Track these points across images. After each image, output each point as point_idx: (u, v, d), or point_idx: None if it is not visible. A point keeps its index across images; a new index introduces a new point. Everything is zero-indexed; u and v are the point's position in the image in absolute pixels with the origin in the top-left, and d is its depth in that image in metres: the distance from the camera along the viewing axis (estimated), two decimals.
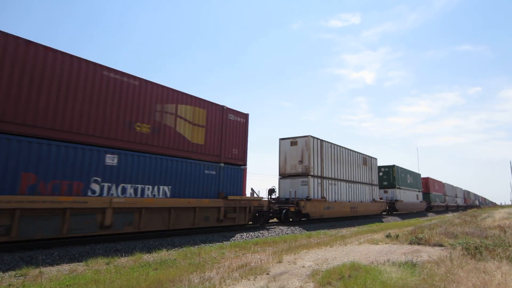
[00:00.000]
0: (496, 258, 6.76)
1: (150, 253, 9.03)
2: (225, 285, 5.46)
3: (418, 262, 6.69)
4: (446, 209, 54.61)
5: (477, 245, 7.90)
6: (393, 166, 34.22)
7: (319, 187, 20.32)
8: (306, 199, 18.84)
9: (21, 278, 6.22)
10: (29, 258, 7.68)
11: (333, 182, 22.16)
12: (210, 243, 11.28)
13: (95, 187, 9.67)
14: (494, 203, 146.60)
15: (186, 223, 12.16)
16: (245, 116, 15.95)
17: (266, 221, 16.87)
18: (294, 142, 20.47)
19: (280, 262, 7.25)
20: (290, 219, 18.60)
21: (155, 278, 5.82)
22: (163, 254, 8.79)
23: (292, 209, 18.00)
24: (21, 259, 7.55)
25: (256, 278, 5.86)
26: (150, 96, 11.52)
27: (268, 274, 6.12)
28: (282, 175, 20.54)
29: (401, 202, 33.77)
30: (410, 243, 9.67)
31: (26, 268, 6.82)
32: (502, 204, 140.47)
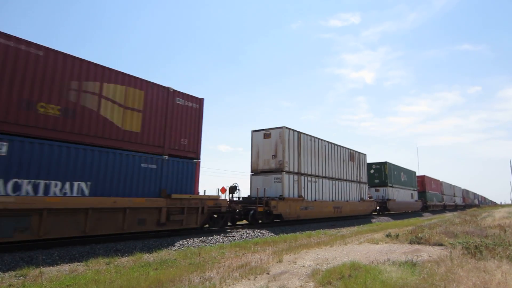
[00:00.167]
0: (496, 258, 6.77)
1: (150, 253, 9.04)
2: (225, 284, 5.46)
3: (418, 261, 6.70)
4: (443, 208, 52.86)
5: (477, 244, 7.91)
6: (384, 163, 32.12)
7: (296, 185, 18.21)
8: (279, 198, 16.83)
9: (21, 278, 6.23)
10: (29, 258, 7.68)
11: (313, 179, 19.91)
12: (210, 243, 11.29)
13: None
14: (494, 203, 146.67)
15: (111, 228, 9.90)
16: (198, 101, 13.46)
17: (225, 223, 14.48)
18: (267, 134, 18.02)
19: (280, 261, 7.26)
20: (259, 221, 16.54)
21: (155, 278, 5.83)
22: (163, 254, 8.80)
23: (260, 209, 15.74)
24: (21, 259, 7.55)
25: (256, 277, 5.86)
26: (61, 70, 9.33)
27: (268, 273, 6.13)
28: (254, 172, 18.31)
29: (393, 201, 31.76)
30: (410, 243, 9.68)
31: (26, 268, 6.82)
32: (502, 203, 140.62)
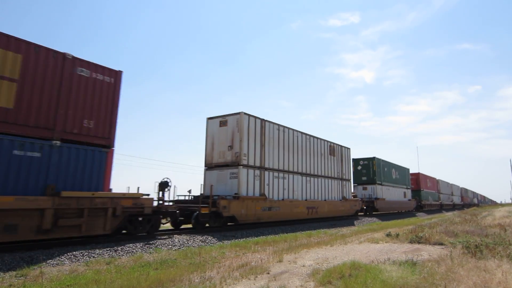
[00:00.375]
0: (496, 257, 6.78)
1: (151, 253, 9.04)
2: (225, 284, 5.46)
3: (418, 261, 6.70)
4: (440, 208, 50.32)
5: (477, 243, 7.91)
6: (373, 159, 29.66)
7: (257, 181, 15.56)
8: (234, 197, 14.26)
9: (21, 278, 6.23)
10: (29, 258, 7.68)
11: (281, 175, 17.26)
12: (210, 243, 11.28)
13: None
14: (494, 202, 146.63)
15: None
16: (114, 74, 10.38)
17: (155, 228, 11.49)
18: (223, 121, 15.61)
19: (280, 261, 7.26)
20: (206, 225, 13.69)
21: (156, 278, 5.83)
22: (164, 253, 8.80)
23: (204, 210, 12.88)
24: (21, 259, 7.55)
25: (256, 277, 5.86)
26: None
27: (268, 273, 6.13)
28: (208, 166, 15.79)
29: (382, 200, 29.32)
30: (411, 242, 9.69)
31: (27, 268, 6.83)
32: (503, 202, 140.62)
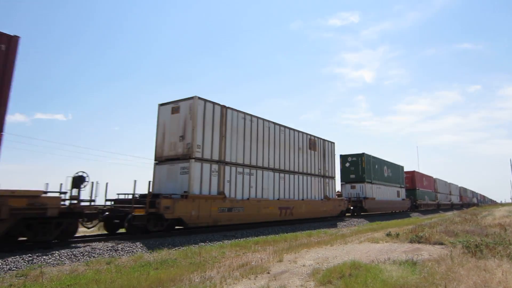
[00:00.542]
0: (496, 256, 6.77)
1: (151, 252, 9.04)
2: (225, 284, 5.46)
3: (418, 260, 6.70)
4: (437, 208, 47.95)
5: (477, 243, 7.91)
6: (362, 155, 27.80)
7: (215, 178, 13.40)
8: (182, 196, 12.04)
9: (22, 278, 6.23)
10: (30, 258, 7.69)
11: (246, 170, 14.95)
12: (210, 242, 11.28)
13: None
14: (494, 201, 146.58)
15: None
16: (6, 39, 7.80)
17: (68, 234, 9.68)
18: (175, 108, 13.54)
19: (280, 261, 7.26)
20: (147, 229, 11.27)
21: (156, 278, 5.83)
22: (164, 253, 8.80)
23: (138, 212, 10.71)
24: (22, 259, 7.55)
25: (256, 277, 5.86)
26: None
27: (268, 273, 6.13)
28: (159, 159, 13.65)
29: (372, 200, 27.15)
30: (411, 242, 9.68)
31: (27, 268, 6.83)
32: (503, 202, 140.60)
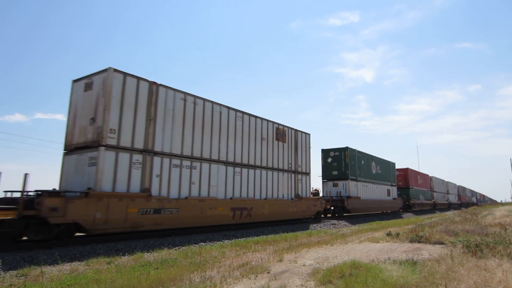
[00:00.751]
0: (497, 256, 6.77)
1: (151, 252, 9.04)
2: (226, 284, 5.46)
3: (418, 260, 6.69)
4: (433, 208, 45.88)
5: (477, 242, 7.91)
6: (345, 149, 25.02)
7: (137, 171, 10.73)
8: (83, 193, 9.38)
9: (22, 278, 6.23)
10: (30, 258, 7.69)
11: (186, 163, 12.34)
12: (210, 242, 11.28)
13: None
14: (494, 201, 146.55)
15: None
16: None
17: None
18: (88, 84, 10.89)
19: (281, 261, 7.26)
20: (24, 237, 9.03)
21: (156, 278, 5.83)
22: (164, 253, 8.80)
23: (6, 215, 8.31)
24: (22, 259, 7.55)
25: (257, 277, 5.86)
26: None
27: (269, 273, 6.13)
28: (68, 148, 10.98)
29: (356, 199, 24.58)
30: (411, 241, 9.68)
31: (27, 268, 6.83)
32: (503, 201, 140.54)
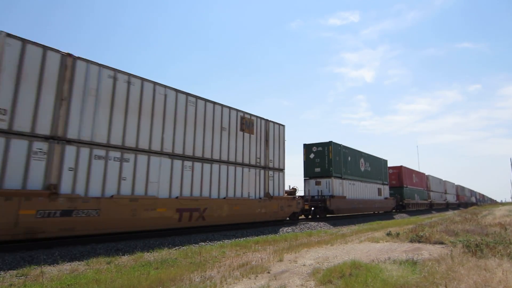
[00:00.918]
0: (497, 256, 6.77)
1: (151, 252, 9.04)
2: (226, 284, 5.46)
3: (419, 260, 6.69)
4: (429, 208, 43.94)
5: (477, 242, 7.91)
6: (329, 144, 22.50)
7: (40, 163, 8.72)
8: None
9: (22, 278, 6.23)
10: (30, 258, 7.69)
11: (113, 154, 10.32)
12: (210, 242, 11.28)
13: None
14: (494, 200, 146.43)
15: None
16: None
17: None
18: None
19: (281, 260, 7.26)
20: None
21: (156, 277, 5.83)
22: (164, 253, 8.80)
23: None
24: (22, 259, 7.55)
25: (257, 276, 5.86)
26: None
27: (269, 272, 6.13)
28: None
29: (341, 198, 22.23)
30: (411, 241, 9.68)
31: (28, 267, 6.83)
32: (503, 201, 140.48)
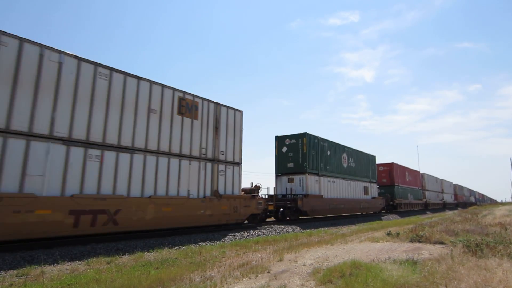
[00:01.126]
0: (497, 255, 6.77)
1: (151, 252, 9.04)
2: (226, 283, 5.46)
3: (419, 259, 6.69)
4: (424, 208, 41.67)
5: (478, 242, 7.91)
6: (303, 135, 19.80)
7: None
8: None
9: (22, 277, 6.23)
10: (30, 257, 7.69)
11: None
12: (211, 242, 11.28)
13: None
14: (494, 200, 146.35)
15: None
16: None
17: None
18: None
19: (281, 260, 7.26)
20: None
21: (156, 277, 5.84)
22: (164, 253, 8.80)
23: None
24: (22, 259, 7.55)
25: (257, 276, 5.86)
26: None
27: (269, 272, 6.13)
28: None
29: (317, 198, 19.43)
30: (411, 241, 9.68)
31: (28, 267, 6.83)
32: (503, 201, 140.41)
